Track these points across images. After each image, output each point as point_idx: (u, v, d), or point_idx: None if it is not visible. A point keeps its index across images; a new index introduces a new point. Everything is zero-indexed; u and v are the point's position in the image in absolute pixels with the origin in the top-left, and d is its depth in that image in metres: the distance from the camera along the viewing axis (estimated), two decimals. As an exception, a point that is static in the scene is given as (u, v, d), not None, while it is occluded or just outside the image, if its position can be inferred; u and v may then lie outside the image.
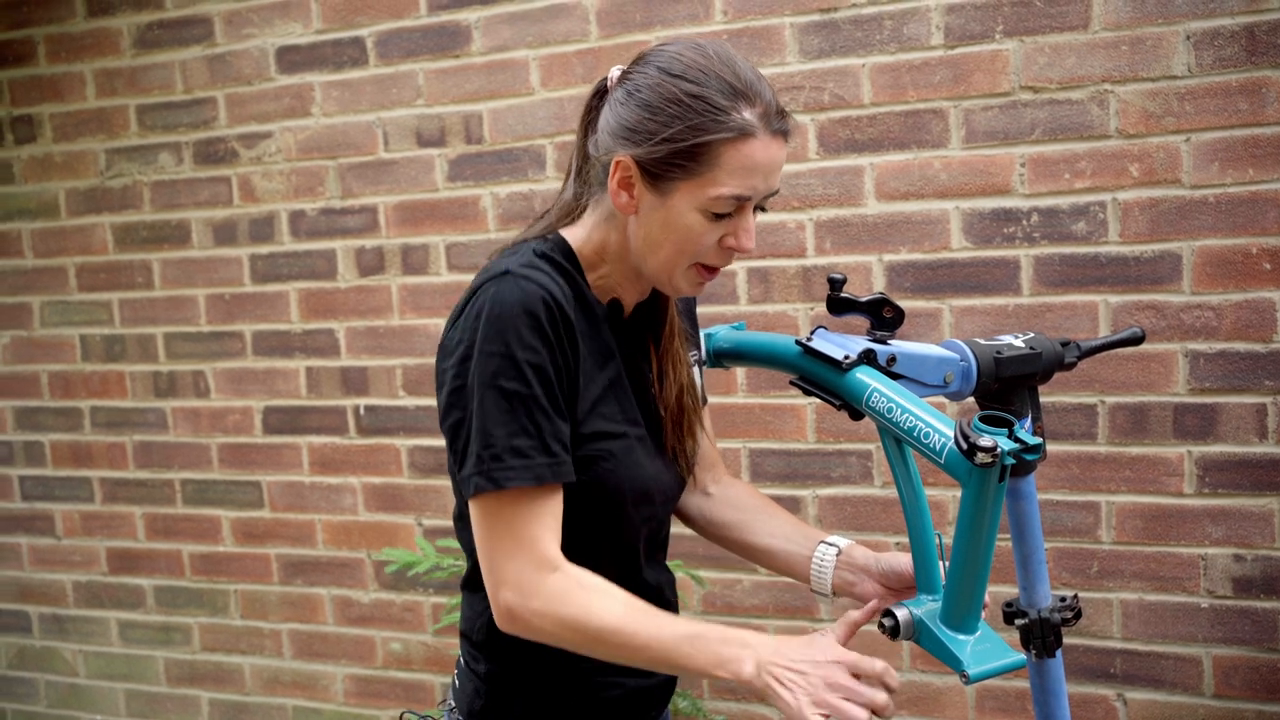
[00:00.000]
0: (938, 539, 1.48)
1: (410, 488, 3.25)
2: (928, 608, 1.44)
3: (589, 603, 1.36)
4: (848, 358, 1.45)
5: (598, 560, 1.44)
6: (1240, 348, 2.40)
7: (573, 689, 1.51)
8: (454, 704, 1.59)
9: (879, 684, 1.32)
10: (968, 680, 1.38)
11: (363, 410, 3.27)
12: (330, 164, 3.22)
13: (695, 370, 1.62)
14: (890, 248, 2.66)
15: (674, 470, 1.56)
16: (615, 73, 1.46)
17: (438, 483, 3.20)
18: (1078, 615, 1.46)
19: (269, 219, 3.32)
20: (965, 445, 1.28)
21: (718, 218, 1.40)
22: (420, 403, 3.19)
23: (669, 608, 1.62)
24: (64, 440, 3.70)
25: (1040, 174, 2.52)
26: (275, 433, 3.39)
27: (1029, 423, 1.50)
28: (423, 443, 3.20)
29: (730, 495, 1.71)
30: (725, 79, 1.37)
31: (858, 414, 1.46)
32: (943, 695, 2.73)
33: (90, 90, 3.50)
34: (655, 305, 1.55)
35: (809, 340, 1.50)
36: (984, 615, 1.43)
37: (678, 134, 1.36)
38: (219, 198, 3.37)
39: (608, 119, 1.43)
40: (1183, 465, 2.47)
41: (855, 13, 2.64)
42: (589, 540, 1.44)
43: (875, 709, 1.30)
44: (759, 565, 1.76)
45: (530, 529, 1.36)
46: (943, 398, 1.50)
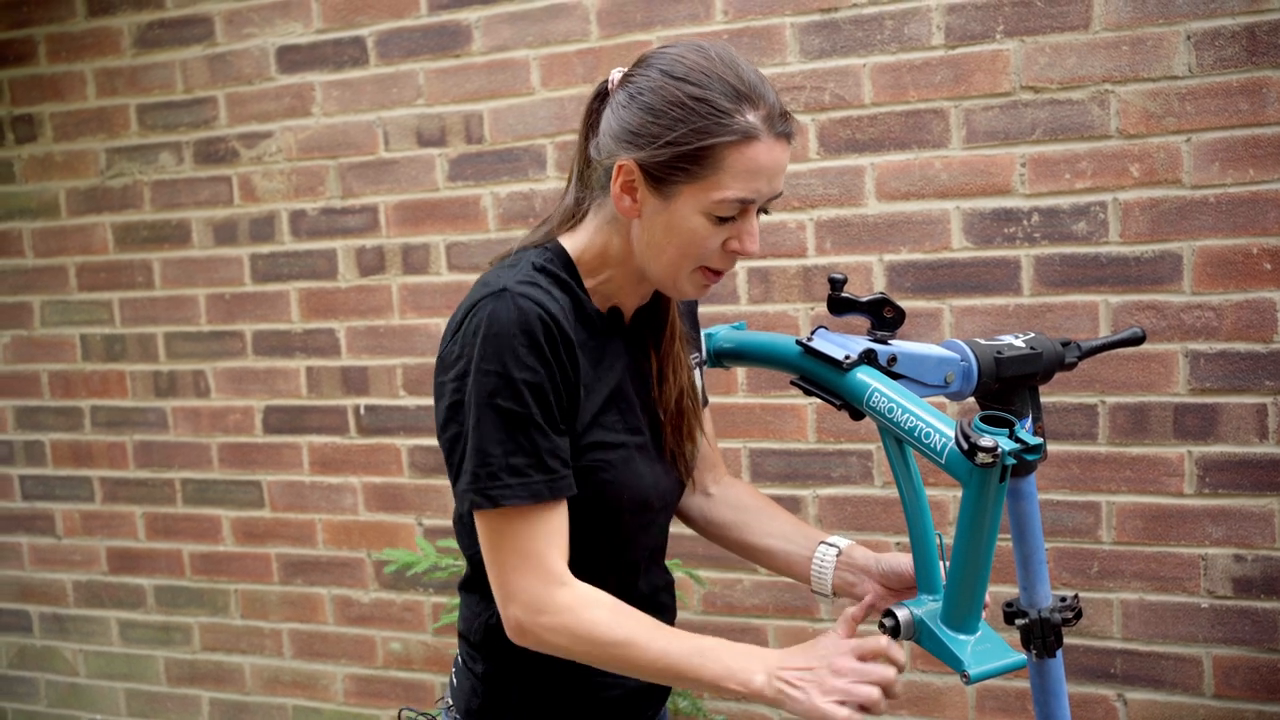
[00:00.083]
0: (938, 539, 1.48)
1: (410, 487, 3.25)
2: (928, 608, 1.44)
3: (598, 618, 1.36)
4: (848, 358, 1.45)
5: (597, 565, 1.45)
6: (1241, 348, 2.41)
7: (571, 689, 1.51)
8: (451, 703, 1.59)
9: (884, 660, 1.33)
10: (968, 680, 1.38)
11: (363, 410, 3.27)
12: (331, 164, 3.22)
13: (696, 372, 1.61)
14: (891, 248, 2.66)
15: (673, 475, 1.56)
16: (616, 75, 1.45)
17: (438, 483, 3.20)
18: (1078, 615, 1.47)
19: (269, 219, 3.32)
20: (966, 445, 1.28)
21: (721, 221, 1.39)
22: (421, 402, 3.19)
23: (668, 610, 1.63)
24: (64, 440, 3.70)
25: (1041, 174, 2.52)
26: (275, 432, 3.39)
27: (1029, 423, 1.50)
28: (423, 442, 3.20)
29: (731, 495, 1.71)
30: (728, 81, 1.36)
31: (858, 414, 1.46)
32: (943, 695, 2.73)
33: (91, 90, 3.50)
34: (656, 308, 1.55)
35: (809, 340, 1.50)
36: (984, 615, 1.43)
37: (681, 137, 1.35)
38: (219, 197, 3.37)
39: (609, 122, 1.41)
40: (1183, 465, 2.47)
41: (856, 13, 2.64)
42: (588, 547, 1.44)
43: (884, 685, 1.31)
44: (759, 565, 1.76)
45: (536, 545, 1.37)
46: (943, 398, 1.50)
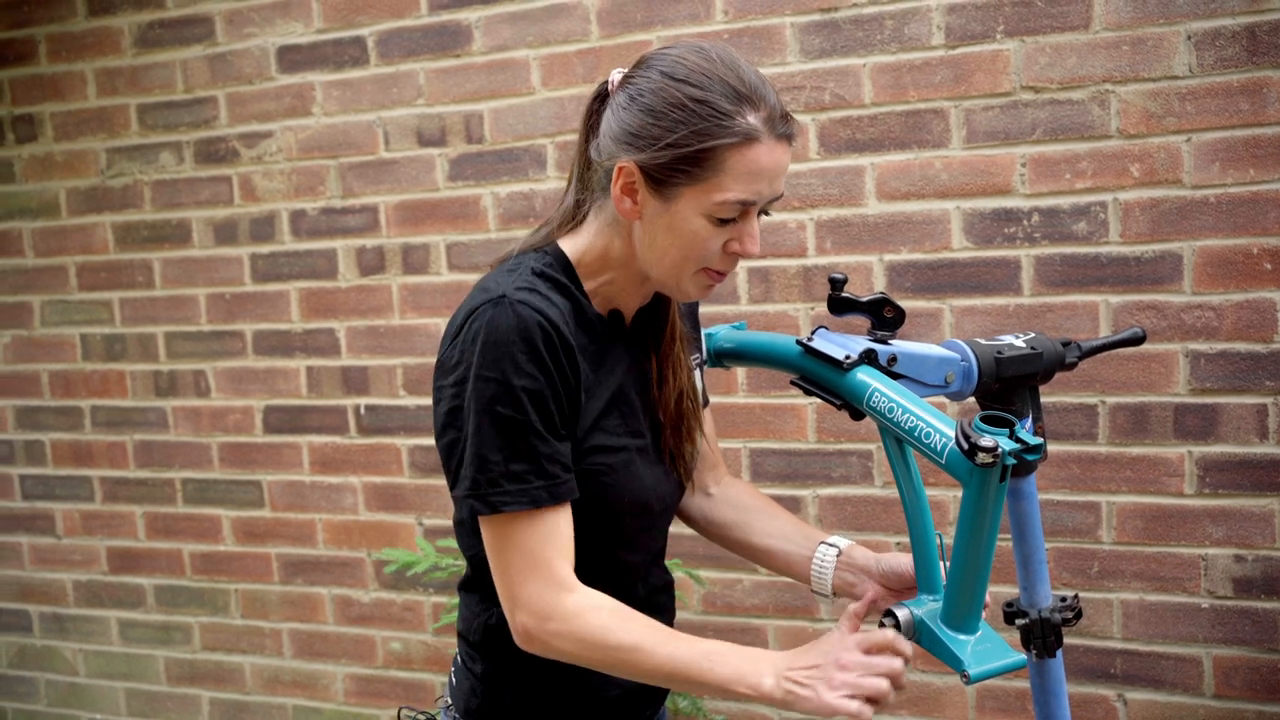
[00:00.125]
0: (938, 539, 1.48)
1: (410, 487, 3.25)
2: (928, 608, 1.44)
3: (606, 623, 1.36)
4: (849, 357, 1.45)
5: (597, 568, 1.45)
6: (1241, 348, 2.40)
7: (570, 689, 1.51)
8: (451, 702, 1.59)
9: (891, 652, 1.33)
10: (968, 680, 1.38)
11: (363, 410, 3.27)
12: (331, 163, 3.22)
13: (696, 373, 1.61)
14: (891, 248, 2.66)
15: (673, 477, 1.56)
16: (616, 76, 1.44)
17: (438, 482, 3.20)
18: (1078, 615, 1.47)
19: (270, 218, 3.32)
20: (966, 445, 1.28)
21: (722, 223, 1.38)
22: (421, 402, 3.19)
23: (667, 612, 1.63)
24: (64, 439, 3.70)
25: (1041, 174, 2.52)
26: (276, 432, 3.39)
27: (1030, 423, 1.50)
28: (423, 442, 3.20)
29: (731, 495, 1.71)
30: (729, 83, 1.35)
31: (858, 414, 1.46)
32: (943, 695, 2.73)
33: (91, 89, 3.50)
34: (657, 309, 1.55)
35: (810, 340, 1.50)
36: (985, 615, 1.43)
37: (682, 139, 1.34)
38: (220, 197, 3.37)
39: (610, 124, 1.41)
40: (1183, 465, 2.47)
41: (856, 13, 2.64)
42: (588, 549, 1.44)
43: (892, 677, 1.31)
44: (759, 565, 1.76)
45: (541, 551, 1.37)
46: (943, 398, 1.50)
